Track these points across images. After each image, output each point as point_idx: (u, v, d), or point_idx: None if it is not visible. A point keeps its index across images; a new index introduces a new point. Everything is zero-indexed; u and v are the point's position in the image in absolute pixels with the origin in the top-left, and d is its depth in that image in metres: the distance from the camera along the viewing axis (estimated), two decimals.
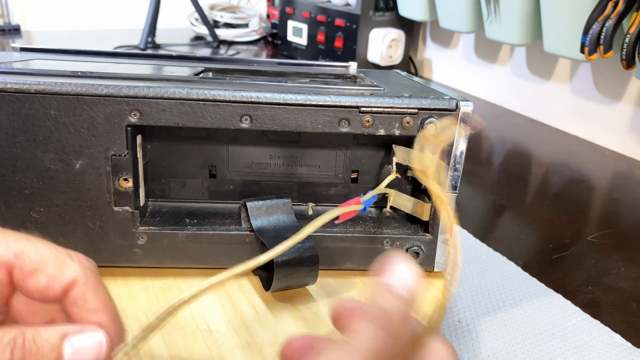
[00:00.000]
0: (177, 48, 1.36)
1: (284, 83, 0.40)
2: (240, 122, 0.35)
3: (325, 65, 0.53)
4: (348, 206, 0.34)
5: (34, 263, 0.23)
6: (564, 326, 0.41)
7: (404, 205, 0.40)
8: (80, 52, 0.50)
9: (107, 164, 0.35)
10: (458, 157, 0.36)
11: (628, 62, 0.64)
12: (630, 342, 0.40)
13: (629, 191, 0.68)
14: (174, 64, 0.48)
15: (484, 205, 0.63)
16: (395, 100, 0.35)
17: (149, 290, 0.37)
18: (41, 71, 0.36)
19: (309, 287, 0.38)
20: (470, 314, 0.42)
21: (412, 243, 0.38)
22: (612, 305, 0.44)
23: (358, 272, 0.40)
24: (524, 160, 0.80)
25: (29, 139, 0.34)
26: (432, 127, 0.31)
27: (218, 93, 0.34)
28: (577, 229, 0.57)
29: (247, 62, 0.53)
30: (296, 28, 1.26)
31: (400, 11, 1.12)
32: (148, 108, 0.34)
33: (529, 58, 0.99)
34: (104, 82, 0.34)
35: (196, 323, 0.34)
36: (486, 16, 0.91)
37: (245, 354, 0.32)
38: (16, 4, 1.45)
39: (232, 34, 1.45)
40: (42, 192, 0.35)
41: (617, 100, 0.84)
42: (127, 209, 0.36)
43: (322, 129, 0.35)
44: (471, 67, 1.12)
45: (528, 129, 0.93)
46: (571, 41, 0.76)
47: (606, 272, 0.49)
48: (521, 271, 0.48)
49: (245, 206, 0.38)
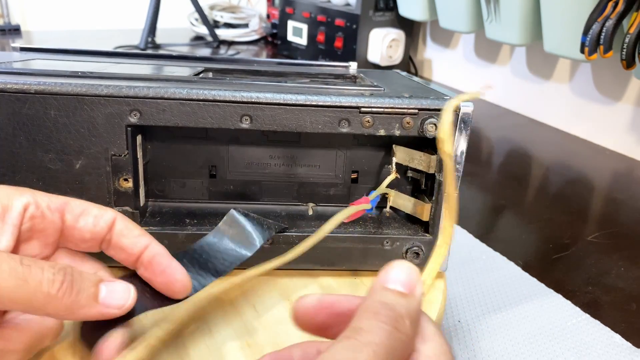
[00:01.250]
0: (177, 48, 1.36)
1: (284, 83, 0.40)
2: (240, 122, 0.35)
3: (325, 65, 0.53)
4: (359, 205, 0.34)
5: (80, 208, 0.27)
6: (564, 326, 0.41)
7: (404, 206, 0.40)
8: (80, 52, 0.50)
9: (107, 164, 0.35)
10: (458, 157, 0.36)
11: (628, 62, 0.64)
12: (630, 342, 0.40)
13: (629, 191, 0.68)
14: (174, 64, 0.48)
15: (484, 205, 0.63)
16: (395, 101, 0.35)
17: None
18: (41, 71, 0.36)
19: (309, 287, 0.38)
20: (470, 314, 0.42)
21: (412, 243, 0.38)
22: (612, 305, 0.44)
23: (358, 272, 0.40)
24: (524, 160, 0.80)
25: (29, 139, 0.34)
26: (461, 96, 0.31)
27: (218, 93, 0.34)
28: (577, 229, 0.57)
29: (247, 62, 0.53)
30: (296, 28, 1.26)
31: (400, 11, 1.12)
32: (148, 108, 0.34)
33: (529, 58, 0.99)
34: (104, 82, 0.34)
35: (196, 323, 0.34)
36: (486, 16, 0.91)
37: (245, 354, 0.32)
38: (16, 4, 1.45)
39: (232, 34, 1.45)
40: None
41: (617, 100, 0.84)
42: (127, 209, 0.36)
43: (322, 129, 0.35)
44: (471, 67, 1.12)
45: (528, 129, 0.93)
46: (571, 41, 0.76)
47: (606, 272, 0.49)
48: (521, 271, 0.48)
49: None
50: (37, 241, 0.27)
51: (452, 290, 0.45)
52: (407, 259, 0.38)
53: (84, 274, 0.25)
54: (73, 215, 0.27)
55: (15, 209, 0.25)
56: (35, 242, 0.27)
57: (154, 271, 0.28)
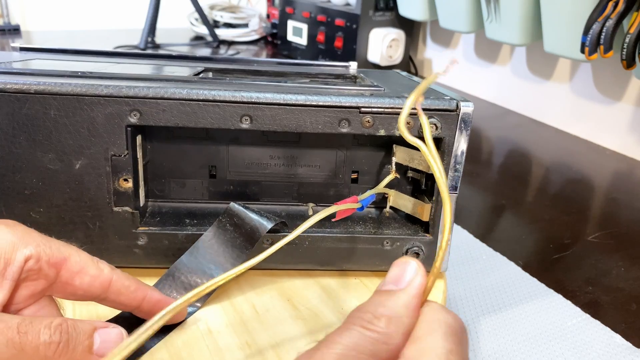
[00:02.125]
0: (177, 48, 1.36)
1: (284, 83, 0.40)
2: (240, 122, 0.35)
3: (325, 65, 0.53)
4: (344, 204, 0.34)
5: (78, 266, 0.27)
6: (564, 326, 0.41)
7: (404, 206, 0.40)
8: (80, 52, 0.50)
9: (107, 164, 0.35)
10: (458, 157, 0.36)
11: (628, 62, 0.64)
12: (630, 342, 0.40)
13: (629, 191, 0.68)
14: (174, 64, 0.48)
15: (484, 205, 0.63)
16: (395, 101, 0.35)
17: None
18: (41, 71, 0.36)
19: (309, 287, 0.38)
20: (470, 314, 0.42)
21: (412, 243, 0.38)
22: (612, 305, 0.44)
23: (358, 273, 0.40)
24: (524, 160, 0.80)
25: (28, 139, 0.34)
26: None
27: (218, 93, 0.34)
28: (577, 229, 0.57)
29: (247, 62, 0.53)
30: (296, 28, 1.26)
31: (400, 11, 1.12)
32: (148, 108, 0.34)
33: (529, 58, 0.99)
34: (104, 82, 0.34)
35: (196, 323, 0.34)
36: (486, 16, 0.91)
37: (245, 354, 0.32)
38: (16, 4, 1.45)
39: (232, 34, 1.45)
40: (42, 193, 0.35)
41: (617, 100, 0.84)
42: (127, 209, 0.36)
43: (322, 130, 0.35)
44: (471, 67, 1.12)
45: (528, 129, 0.93)
46: (571, 41, 0.76)
47: (606, 272, 0.49)
48: (521, 271, 0.48)
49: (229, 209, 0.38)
50: (26, 289, 0.26)
51: (452, 290, 0.45)
52: None
53: (79, 327, 0.25)
54: (70, 272, 0.27)
55: (17, 263, 0.25)
56: (23, 289, 0.26)
57: (153, 314, 0.28)
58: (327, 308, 0.36)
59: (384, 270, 0.39)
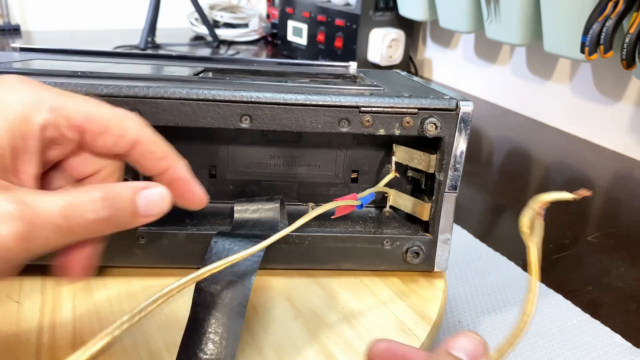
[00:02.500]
0: (177, 48, 1.36)
1: (284, 83, 0.40)
2: (240, 122, 0.35)
3: (325, 65, 0.53)
4: (343, 200, 0.34)
5: (101, 125, 0.25)
6: (564, 326, 0.41)
7: (404, 205, 0.40)
8: (80, 52, 0.50)
9: None
10: (458, 157, 0.36)
11: (628, 62, 0.64)
12: (630, 342, 0.40)
13: (629, 191, 0.68)
14: (173, 64, 0.48)
15: (484, 205, 0.63)
16: (395, 100, 0.35)
17: (149, 290, 0.37)
18: (41, 71, 0.36)
19: (309, 287, 0.38)
20: (470, 314, 0.42)
21: (412, 243, 0.38)
22: (612, 305, 0.44)
23: (358, 272, 0.40)
24: (524, 160, 0.80)
25: None
26: (550, 195, 0.27)
27: (218, 93, 0.34)
28: (577, 229, 0.57)
29: (247, 62, 0.53)
30: (296, 28, 1.26)
31: (400, 11, 1.12)
32: (148, 108, 0.34)
33: (529, 58, 0.99)
34: (104, 82, 0.34)
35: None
36: (486, 16, 0.91)
37: (245, 354, 0.32)
38: (16, 4, 1.45)
39: (232, 33, 1.45)
40: None
41: (617, 100, 0.84)
42: None
43: (322, 129, 0.35)
44: (471, 67, 1.12)
45: (528, 129, 0.93)
46: (571, 41, 0.76)
47: (606, 272, 0.49)
48: (521, 271, 0.48)
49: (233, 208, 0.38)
50: (57, 152, 0.25)
51: (452, 290, 0.45)
52: (407, 258, 0.38)
53: (122, 194, 0.23)
54: (92, 134, 0.25)
55: (34, 133, 0.23)
56: (53, 154, 0.25)
57: (174, 190, 0.27)
58: (327, 308, 0.36)
59: (384, 270, 0.39)
